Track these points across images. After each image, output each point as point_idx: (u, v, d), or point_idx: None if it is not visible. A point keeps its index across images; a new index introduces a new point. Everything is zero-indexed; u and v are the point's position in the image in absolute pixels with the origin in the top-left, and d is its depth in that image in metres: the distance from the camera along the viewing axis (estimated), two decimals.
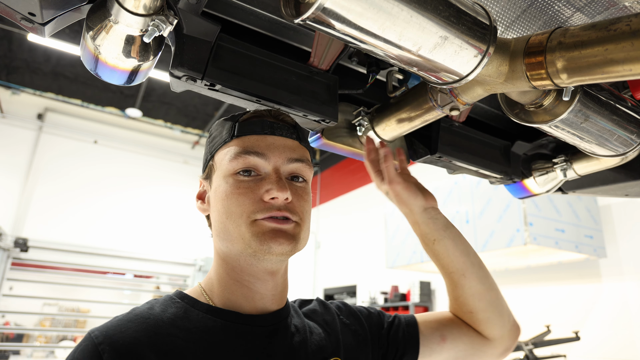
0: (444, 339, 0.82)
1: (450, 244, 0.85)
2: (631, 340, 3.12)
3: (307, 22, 0.51)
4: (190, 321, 0.62)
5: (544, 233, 3.07)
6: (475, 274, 0.85)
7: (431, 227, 0.86)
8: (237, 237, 0.64)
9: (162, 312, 0.63)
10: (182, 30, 0.69)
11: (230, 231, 0.65)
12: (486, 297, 0.84)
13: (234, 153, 0.67)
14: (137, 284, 7.22)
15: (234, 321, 0.64)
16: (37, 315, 7.07)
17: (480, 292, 0.84)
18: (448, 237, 0.86)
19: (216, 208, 0.67)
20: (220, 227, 0.66)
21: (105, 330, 0.58)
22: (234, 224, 0.64)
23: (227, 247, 0.66)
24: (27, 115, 6.37)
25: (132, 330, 0.58)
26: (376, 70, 0.89)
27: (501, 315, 0.85)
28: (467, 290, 0.84)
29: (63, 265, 5.92)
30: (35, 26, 0.60)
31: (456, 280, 0.85)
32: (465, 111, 1.06)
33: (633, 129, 0.80)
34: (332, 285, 6.72)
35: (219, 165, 0.69)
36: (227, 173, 0.67)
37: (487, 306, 0.84)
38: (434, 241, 0.86)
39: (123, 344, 0.56)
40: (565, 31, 0.61)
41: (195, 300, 0.66)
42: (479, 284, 0.84)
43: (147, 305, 0.65)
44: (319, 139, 0.95)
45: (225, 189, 0.66)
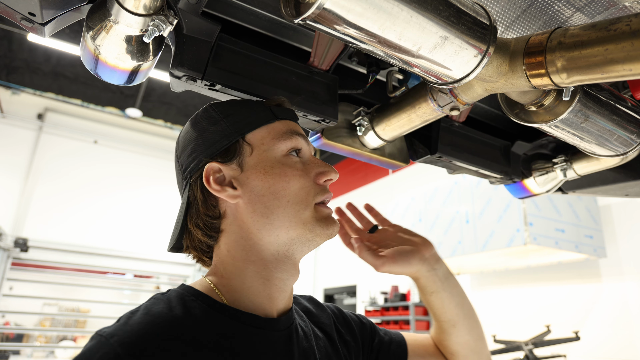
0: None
1: (447, 296, 0.83)
2: (631, 340, 3.12)
3: (307, 22, 0.51)
4: (213, 326, 0.57)
5: (544, 233, 3.07)
6: (466, 324, 0.84)
7: (431, 280, 0.82)
8: (297, 222, 0.61)
9: (184, 315, 0.56)
10: (182, 30, 0.69)
11: (289, 216, 0.60)
12: (472, 346, 0.84)
13: (283, 132, 0.64)
14: (137, 284, 7.22)
15: (256, 326, 0.60)
16: (37, 315, 7.07)
17: (467, 341, 0.84)
18: (445, 289, 0.83)
19: (269, 191, 0.61)
20: (275, 212, 0.61)
21: (128, 338, 0.50)
22: (297, 207, 0.61)
23: (277, 235, 0.61)
24: (27, 115, 6.37)
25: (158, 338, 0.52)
26: (376, 70, 0.89)
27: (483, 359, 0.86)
28: (455, 339, 0.84)
29: (63, 265, 5.92)
30: (35, 26, 0.60)
31: (446, 329, 0.84)
32: (465, 111, 1.06)
33: (633, 129, 0.80)
34: (332, 285, 6.72)
35: (260, 145, 0.63)
36: (280, 154, 0.63)
37: (470, 354, 0.84)
38: (432, 293, 0.83)
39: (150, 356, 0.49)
40: (565, 31, 0.61)
41: (212, 301, 0.60)
42: (467, 335, 0.84)
43: (163, 305, 0.57)
44: (319, 139, 0.95)
45: (284, 170, 0.62)
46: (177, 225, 0.70)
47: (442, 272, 0.83)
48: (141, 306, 0.57)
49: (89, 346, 0.51)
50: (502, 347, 3.23)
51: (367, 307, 5.35)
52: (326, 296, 6.84)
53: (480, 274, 4.40)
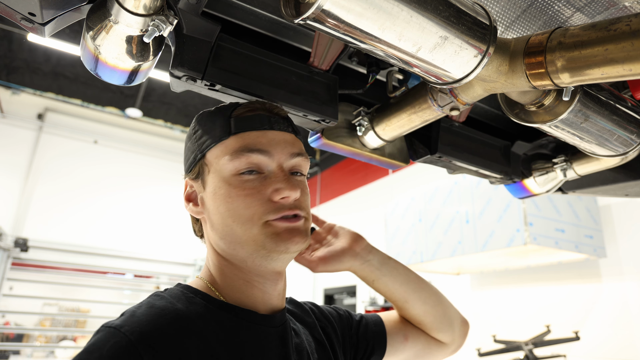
0: (407, 338, 0.87)
1: (388, 280, 0.87)
2: (631, 340, 3.12)
3: (307, 22, 0.51)
4: (214, 320, 0.59)
5: (544, 233, 3.07)
6: (417, 297, 0.88)
7: (367, 271, 0.87)
8: (247, 240, 0.61)
9: (187, 309, 0.58)
10: (182, 30, 0.69)
11: (238, 234, 0.62)
12: (431, 313, 0.88)
13: (234, 151, 0.62)
14: (137, 284, 7.21)
15: (253, 321, 0.63)
16: (37, 315, 7.06)
17: (424, 310, 0.88)
18: (384, 274, 0.87)
19: (218, 211, 0.63)
20: (226, 230, 0.63)
21: (139, 327, 0.52)
22: (243, 227, 0.61)
23: (235, 249, 0.63)
24: (27, 115, 6.37)
25: (167, 327, 0.54)
26: (376, 70, 0.89)
27: (449, 324, 0.90)
28: (412, 312, 0.89)
29: (63, 265, 5.92)
30: (35, 26, 0.60)
31: (400, 306, 0.89)
32: (465, 111, 1.06)
33: (633, 129, 0.80)
34: (332, 285, 6.72)
35: (214, 164, 0.64)
36: (227, 173, 0.63)
37: (434, 320, 0.88)
38: (372, 281, 0.88)
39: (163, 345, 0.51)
40: (565, 31, 0.61)
41: (210, 298, 0.63)
42: (422, 305, 0.88)
43: (165, 300, 0.60)
44: (319, 139, 0.95)
45: (227, 191, 0.62)
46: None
47: (377, 260, 0.87)
48: (143, 302, 0.59)
49: (98, 337, 0.51)
50: (502, 347, 3.23)
51: (367, 307, 5.36)
52: (326, 296, 6.84)
53: (480, 274, 4.40)
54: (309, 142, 0.97)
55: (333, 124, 0.87)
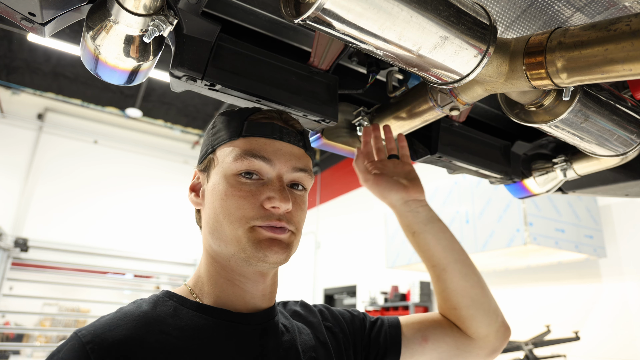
0: (426, 340, 0.81)
1: (431, 238, 0.84)
2: (631, 340, 3.12)
3: (307, 22, 0.51)
4: (180, 319, 0.61)
5: (544, 233, 3.07)
6: (458, 270, 0.83)
7: (411, 220, 0.86)
8: (232, 239, 0.63)
9: (151, 310, 0.62)
10: (182, 30, 0.69)
11: (225, 232, 0.63)
12: (470, 293, 0.83)
13: (239, 153, 0.64)
14: (137, 284, 7.22)
15: (225, 319, 0.63)
16: (37, 315, 7.07)
17: (463, 288, 0.83)
18: (428, 231, 0.85)
19: (212, 205, 0.65)
20: (216, 225, 0.65)
21: (93, 330, 0.56)
22: (231, 226, 0.63)
23: (220, 246, 0.65)
24: (27, 115, 6.37)
25: (121, 328, 0.57)
26: (376, 70, 0.89)
27: (487, 314, 0.83)
28: (450, 285, 0.83)
29: (63, 265, 5.92)
30: (35, 26, 0.60)
31: (438, 274, 0.85)
32: (465, 111, 1.06)
33: (633, 129, 0.80)
34: (332, 285, 6.72)
35: (220, 161, 0.67)
36: (229, 172, 0.65)
37: (471, 303, 0.82)
38: (413, 233, 0.86)
39: (112, 343, 0.54)
40: (565, 31, 0.61)
41: (184, 299, 0.65)
42: (461, 280, 0.83)
43: (135, 304, 0.64)
44: (319, 139, 0.95)
45: (224, 189, 0.64)
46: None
47: (425, 215, 0.86)
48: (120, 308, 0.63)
49: (65, 341, 0.57)
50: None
51: (367, 307, 5.36)
52: (326, 296, 6.84)
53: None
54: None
55: (333, 124, 0.87)
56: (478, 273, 0.86)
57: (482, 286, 0.85)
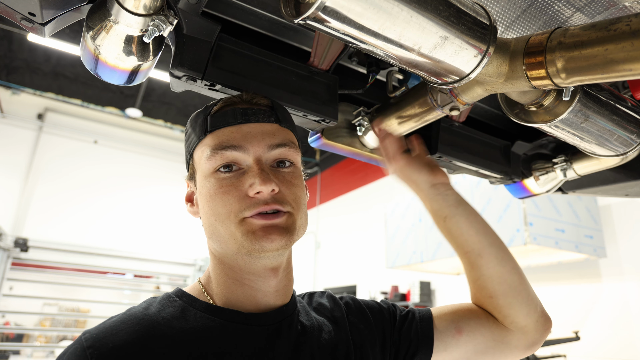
0: (460, 332, 0.75)
1: (463, 222, 0.79)
2: (631, 340, 3.12)
3: (307, 22, 0.51)
4: (187, 321, 0.60)
5: (544, 233, 3.07)
6: (494, 254, 0.77)
7: (441, 204, 0.81)
8: (228, 238, 0.61)
9: (158, 312, 0.61)
10: (182, 30, 0.69)
11: (220, 232, 0.62)
12: (507, 280, 0.77)
13: (209, 150, 0.62)
14: (137, 284, 7.22)
15: (233, 320, 0.61)
16: (37, 315, 7.07)
17: (500, 274, 0.77)
18: (460, 214, 0.79)
19: (204, 210, 0.64)
20: (211, 229, 0.63)
21: (96, 333, 0.56)
22: (223, 225, 0.61)
23: (222, 247, 0.64)
24: (27, 115, 6.37)
25: (123, 332, 0.56)
26: (376, 70, 0.89)
27: (526, 302, 0.77)
28: (485, 272, 0.77)
29: (63, 265, 5.92)
30: (35, 26, 0.60)
31: (473, 261, 0.79)
32: (465, 111, 1.06)
33: (633, 129, 0.80)
34: (332, 285, 6.72)
35: (198, 164, 0.65)
36: (207, 172, 0.63)
37: (509, 290, 0.76)
38: (444, 218, 0.81)
39: (112, 348, 0.54)
40: (565, 31, 0.61)
41: (194, 299, 0.64)
42: (498, 265, 0.77)
43: (144, 304, 0.63)
44: (319, 139, 0.95)
45: (208, 190, 0.62)
46: None
47: (454, 198, 0.81)
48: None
49: (70, 344, 0.57)
50: None
51: None
52: None
53: None
54: (309, 142, 0.97)
55: (333, 124, 0.87)
56: (514, 259, 0.80)
57: (519, 272, 0.79)
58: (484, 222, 0.81)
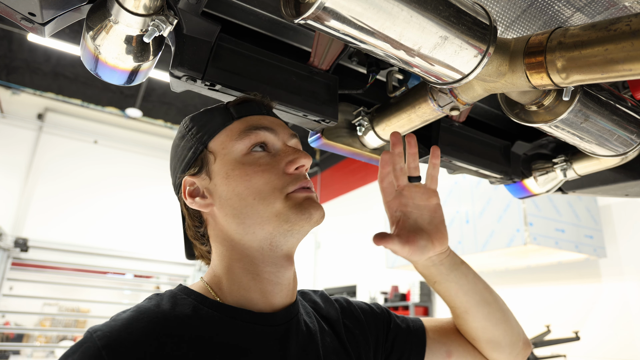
0: (450, 355, 0.79)
1: (453, 286, 0.78)
2: (631, 340, 3.12)
3: (307, 22, 0.51)
4: (200, 320, 0.59)
5: (544, 233, 3.07)
6: (480, 312, 0.78)
7: (432, 272, 0.77)
8: (269, 217, 0.61)
9: (170, 310, 0.58)
10: (182, 30, 0.69)
11: (260, 212, 0.61)
12: (492, 331, 0.79)
13: (241, 131, 0.64)
14: (137, 284, 7.22)
15: (246, 320, 0.61)
16: (37, 315, 7.07)
17: (485, 327, 0.79)
18: (451, 280, 0.77)
19: (235, 193, 0.62)
20: (245, 210, 0.61)
21: (109, 332, 0.53)
22: (265, 203, 0.61)
23: (254, 233, 0.62)
24: (27, 115, 6.37)
25: (139, 332, 0.54)
26: (376, 70, 0.89)
27: (509, 347, 0.79)
28: (470, 324, 0.79)
29: (63, 265, 5.92)
30: (35, 26, 0.60)
31: (458, 314, 0.80)
32: (465, 111, 1.06)
33: (633, 129, 0.80)
34: (332, 285, 6.72)
35: (220, 151, 0.65)
36: (239, 154, 0.63)
37: (492, 338, 0.79)
38: (434, 283, 0.79)
39: (128, 347, 0.52)
40: (565, 31, 0.61)
41: (204, 297, 0.62)
42: (483, 320, 0.78)
43: (153, 302, 0.60)
44: (319, 139, 0.95)
45: (243, 171, 0.62)
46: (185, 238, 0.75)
47: (448, 265, 0.77)
48: (137, 304, 0.60)
49: (78, 341, 0.54)
50: None
51: None
52: None
53: (480, 274, 4.39)
54: (309, 142, 0.97)
55: (333, 124, 0.87)
56: (502, 307, 0.80)
57: (506, 320, 0.80)
58: (475, 280, 0.79)
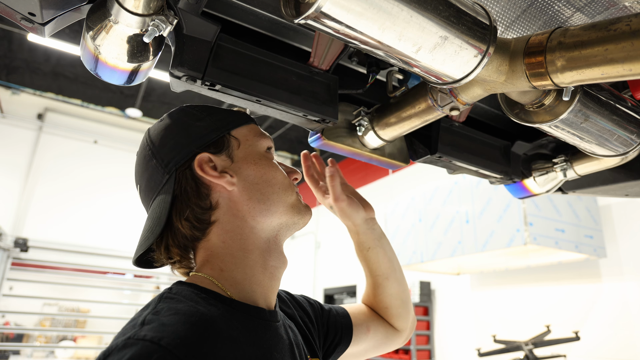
0: (369, 330, 0.92)
1: (382, 252, 0.95)
2: (631, 340, 3.12)
3: (307, 22, 0.51)
4: (238, 321, 0.57)
5: (544, 233, 3.07)
6: (396, 277, 0.96)
7: (369, 237, 0.95)
8: (286, 206, 0.69)
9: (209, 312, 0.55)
10: (182, 30, 0.69)
11: (280, 199, 0.68)
12: (401, 296, 0.96)
13: (260, 134, 0.73)
14: (137, 284, 7.22)
15: (265, 319, 0.62)
16: (37, 315, 7.06)
17: (397, 292, 0.96)
18: (381, 245, 0.95)
19: (263, 178, 0.68)
20: (267, 194, 0.67)
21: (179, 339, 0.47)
22: (285, 193, 0.69)
23: (270, 219, 0.67)
24: (27, 115, 6.36)
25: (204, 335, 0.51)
26: (376, 70, 0.89)
27: (409, 311, 0.99)
28: (387, 291, 0.95)
29: (63, 265, 5.92)
30: (35, 26, 0.60)
31: (380, 282, 0.96)
32: (465, 111, 1.06)
33: (633, 129, 0.80)
34: (332, 285, 6.72)
35: (245, 141, 0.71)
36: (261, 149, 0.71)
37: (401, 304, 0.96)
38: (368, 249, 0.95)
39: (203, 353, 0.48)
40: (565, 31, 0.61)
41: (222, 297, 0.60)
42: (397, 286, 0.96)
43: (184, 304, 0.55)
44: (319, 139, 0.95)
45: (268, 163, 0.70)
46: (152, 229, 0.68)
47: (378, 231, 0.96)
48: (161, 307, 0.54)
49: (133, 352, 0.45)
50: (502, 347, 3.23)
51: None
52: (326, 296, 6.84)
53: (480, 274, 4.40)
54: (309, 142, 0.97)
55: (333, 124, 0.87)
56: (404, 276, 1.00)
57: (408, 289, 1.01)
58: (392, 251, 0.99)
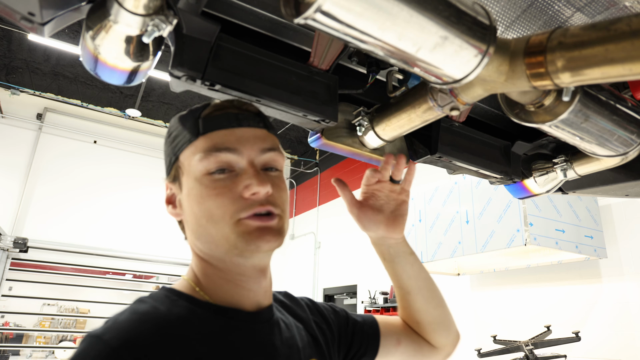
0: (399, 343, 0.88)
1: (398, 269, 0.90)
2: (631, 340, 3.12)
3: (307, 21, 0.51)
4: (199, 321, 0.59)
5: (544, 233, 3.07)
6: (421, 294, 0.90)
7: (383, 251, 0.90)
8: (220, 240, 0.61)
9: (168, 312, 0.58)
10: (182, 30, 0.69)
11: (212, 234, 0.61)
12: (432, 313, 0.91)
13: (203, 152, 0.62)
14: (137, 284, 7.22)
15: (240, 320, 0.63)
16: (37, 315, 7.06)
17: (426, 308, 0.90)
18: (397, 263, 0.90)
19: (192, 211, 0.63)
20: (200, 230, 0.63)
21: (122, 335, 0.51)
22: (216, 226, 0.61)
23: (211, 249, 0.64)
24: (26, 115, 6.37)
25: (149, 333, 0.53)
26: (376, 70, 0.89)
27: (447, 329, 0.92)
28: (413, 305, 0.90)
29: (63, 265, 5.92)
30: (35, 26, 0.59)
31: (403, 295, 0.92)
32: (465, 111, 1.06)
33: (633, 129, 0.80)
34: (332, 285, 6.72)
35: (187, 166, 0.64)
36: (199, 174, 0.62)
37: (432, 320, 0.91)
38: (383, 260, 0.92)
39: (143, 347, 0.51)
40: (565, 31, 0.61)
41: (194, 298, 0.63)
42: (423, 303, 0.90)
43: (147, 304, 0.60)
44: (319, 139, 0.95)
45: (200, 191, 0.62)
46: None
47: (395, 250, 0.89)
48: (126, 308, 0.59)
49: (82, 347, 0.51)
50: (502, 347, 3.23)
51: (367, 307, 5.36)
52: (326, 296, 6.84)
53: (480, 274, 4.40)
54: (309, 142, 0.97)
55: (333, 124, 0.87)
56: (440, 295, 0.93)
57: (442, 306, 0.93)
58: (419, 271, 0.91)
